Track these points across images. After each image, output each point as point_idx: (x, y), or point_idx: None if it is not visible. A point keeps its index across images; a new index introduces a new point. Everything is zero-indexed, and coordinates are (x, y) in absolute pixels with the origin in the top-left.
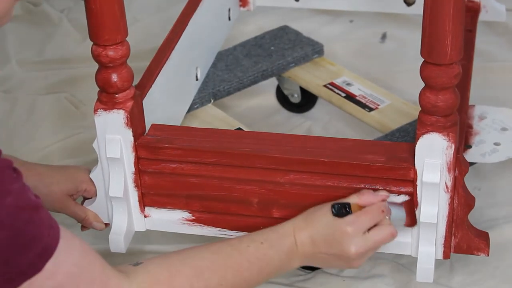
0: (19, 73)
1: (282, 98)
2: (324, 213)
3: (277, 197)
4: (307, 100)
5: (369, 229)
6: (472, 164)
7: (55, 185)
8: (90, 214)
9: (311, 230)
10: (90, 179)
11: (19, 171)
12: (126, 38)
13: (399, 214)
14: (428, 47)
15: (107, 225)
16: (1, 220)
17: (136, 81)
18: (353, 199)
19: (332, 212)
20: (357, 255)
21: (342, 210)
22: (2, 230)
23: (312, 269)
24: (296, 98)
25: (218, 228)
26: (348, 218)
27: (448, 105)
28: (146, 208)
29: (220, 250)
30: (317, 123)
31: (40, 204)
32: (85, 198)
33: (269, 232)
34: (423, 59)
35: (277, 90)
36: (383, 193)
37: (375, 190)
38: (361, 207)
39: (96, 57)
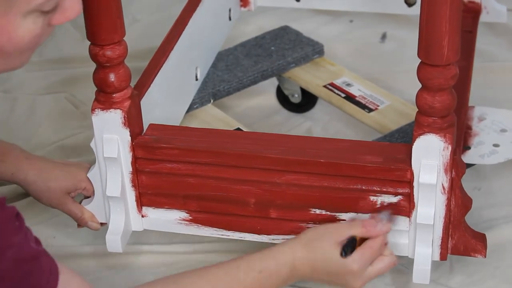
0: (19, 73)
1: (283, 98)
2: (326, 244)
3: (274, 198)
4: (308, 100)
5: None
6: (471, 165)
7: (53, 181)
8: (86, 213)
9: (312, 260)
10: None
11: (21, 217)
12: (126, 38)
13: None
14: (425, 48)
15: (103, 224)
16: (2, 274)
17: (136, 81)
18: (356, 229)
19: (341, 255)
20: (360, 287)
21: (349, 251)
22: (2, 283)
23: None
24: (296, 98)
25: (215, 228)
26: (354, 256)
27: (445, 106)
28: (144, 208)
29: (216, 279)
30: (317, 123)
31: (40, 251)
32: (85, 196)
33: (268, 260)
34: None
35: (278, 90)
36: (386, 226)
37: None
38: (363, 238)
39: (93, 56)
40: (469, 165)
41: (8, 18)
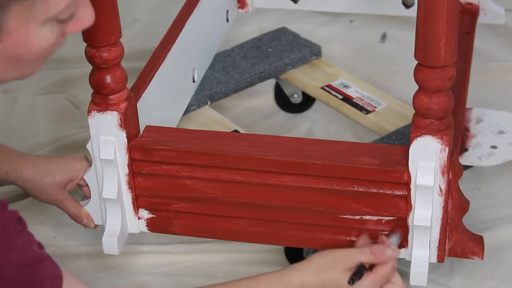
0: None
1: (281, 100)
2: (337, 272)
3: (271, 200)
4: (307, 99)
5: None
6: (469, 167)
7: (49, 177)
8: (83, 211)
9: (321, 286)
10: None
11: (24, 222)
12: (126, 38)
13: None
14: (422, 49)
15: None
16: (5, 277)
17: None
18: (365, 256)
19: (349, 282)
20: None
21: (358, 278)
22: (5, 285)
23: None
24: (296, 98)
25: None
26: (363, 283)
27: (442, 108)
28: (140, 210)
29: None
30: (316, 124)
31: (43, 255)
32: (84, 196)
33: (276, 284)
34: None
35: (276, 92)
36: (395, 251)
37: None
38: (372, 264)
39: (89, 58)
40: (467, 167)
41: (27, 28)
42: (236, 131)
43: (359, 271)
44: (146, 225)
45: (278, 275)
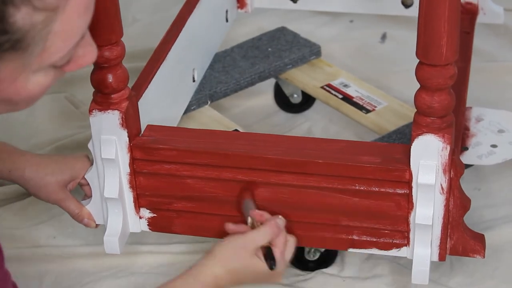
0: None
1: (281, 100)
2: (246, 262)
3: (272, 198)
4: (307, 99)
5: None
6: (468, 166)
7: (50, 176)
8: (84, 211)
9: (235, 273)
10: (89, 164)
11: (2, 256)
12: (127, 38)
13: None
14: (423, 47)
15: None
16: None
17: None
18: (264, 236)
19: (271, 268)
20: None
21: (273, 260)
22: None
23: (312, 269)
24: (296, 98)
25: None
26: (279, 260)
27: (444, 106)
28: (141, 209)
29: None
30: (316, 124)
31: None
32: (85, 195)
33: (193, 284)
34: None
35: (275, 91)
36: (282, 219)
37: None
38: None
39: None
40: (467, 166)
41: (19, 76)
42: (236, 130)
43: (270, 254)
44: (147, 225)
45: (192, 275)
